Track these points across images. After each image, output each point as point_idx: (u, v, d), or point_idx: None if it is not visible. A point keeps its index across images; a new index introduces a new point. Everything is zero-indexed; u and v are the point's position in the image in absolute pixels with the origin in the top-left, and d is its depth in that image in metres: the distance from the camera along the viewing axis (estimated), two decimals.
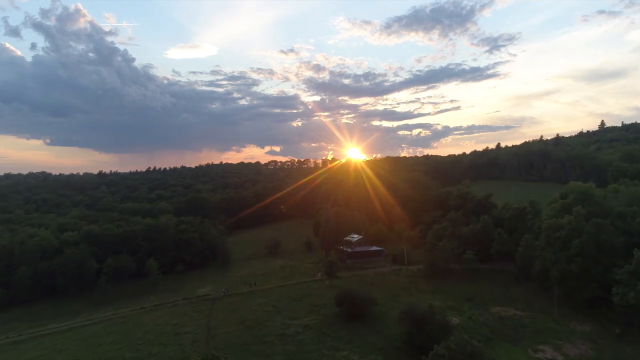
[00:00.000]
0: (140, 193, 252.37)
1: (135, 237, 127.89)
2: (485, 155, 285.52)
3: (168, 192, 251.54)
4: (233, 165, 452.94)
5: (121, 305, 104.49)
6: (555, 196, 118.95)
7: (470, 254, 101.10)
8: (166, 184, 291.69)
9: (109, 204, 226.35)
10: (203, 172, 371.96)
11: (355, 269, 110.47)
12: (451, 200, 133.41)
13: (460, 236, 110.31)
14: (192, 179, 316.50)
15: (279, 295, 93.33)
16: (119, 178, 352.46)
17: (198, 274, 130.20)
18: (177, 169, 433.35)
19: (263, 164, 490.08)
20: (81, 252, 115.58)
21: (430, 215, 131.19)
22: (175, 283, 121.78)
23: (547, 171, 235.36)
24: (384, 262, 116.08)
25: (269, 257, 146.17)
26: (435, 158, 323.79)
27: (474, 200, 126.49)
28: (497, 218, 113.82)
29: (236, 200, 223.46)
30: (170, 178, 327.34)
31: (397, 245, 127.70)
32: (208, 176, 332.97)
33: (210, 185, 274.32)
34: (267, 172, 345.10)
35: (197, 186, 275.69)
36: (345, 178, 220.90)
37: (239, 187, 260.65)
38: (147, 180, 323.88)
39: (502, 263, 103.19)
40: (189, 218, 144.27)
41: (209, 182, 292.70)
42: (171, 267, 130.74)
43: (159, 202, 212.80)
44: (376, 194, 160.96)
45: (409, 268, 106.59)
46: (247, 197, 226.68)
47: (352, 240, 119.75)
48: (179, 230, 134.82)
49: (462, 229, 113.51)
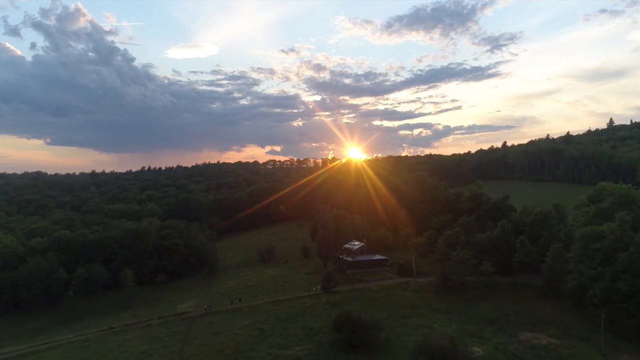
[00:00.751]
0: (130, 194, 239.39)
1: (111, 244, 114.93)
2: (492, 154, 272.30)
3: (159, 193, 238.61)
4: (230, 165, 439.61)
5: (89, 324, 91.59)
6: (581, 198, 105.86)
7: (488, 265, 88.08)
8: (158, 184, 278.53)
9: (96, 206, 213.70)
10: (198, 171, 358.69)
11: (356, 281, 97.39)
12: (462, 203, 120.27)
13: (475, 244, 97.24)
14: (185, 179, 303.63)
15: (267, 314, 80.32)
16: (111, 178, 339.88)
17: (181, 285, 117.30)
18: (172, 169, 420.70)
19: (261, 163, 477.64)
20: (48, 261, 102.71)
21: (439, 219, 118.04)
22: (154, 296, 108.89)
23: (559, 170, 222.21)
24: (389, 272, 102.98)
25: (262, 264, 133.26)
26: (439, 157, 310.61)
27: (489, 202, 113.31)
28: (517, 223, 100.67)
29: (230, 202, 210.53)
30: (164, 178, 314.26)
31: (403, 253, 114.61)
32: (203, 176, 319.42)
33: (203, 186, 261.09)
34: (265, 172, 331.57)
35: (190, 186, 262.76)
36: (346, 178, 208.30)
37: (234, 187, 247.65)
38: (140, 180, 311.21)
39: (525, 276, 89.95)
40: (173, 222, 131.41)
41: (203, 182, 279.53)
42: (151, 276, 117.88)
43: (148, 204, 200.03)
44: (378, 195, 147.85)
45: (418, 281, 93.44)
46: (242, 198, 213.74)
47: (353, 248, 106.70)
48: (160, 236, 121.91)
49: (477, 235, 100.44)
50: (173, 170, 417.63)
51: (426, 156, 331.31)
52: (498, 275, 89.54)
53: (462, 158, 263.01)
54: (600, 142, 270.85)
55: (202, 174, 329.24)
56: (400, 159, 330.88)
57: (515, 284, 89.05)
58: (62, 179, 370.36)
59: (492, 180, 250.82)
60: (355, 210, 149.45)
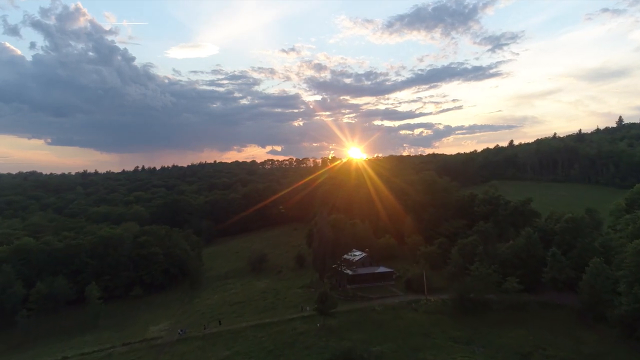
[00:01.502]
0: (117, 195, 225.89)
1: (80, 253, 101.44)
2: (500, 153, 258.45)
3: (148, 194, 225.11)
4: (227, 165, 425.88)
5: (43, 350, 78.03)
6: (618, 202, 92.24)
7: (513, 282, 74.35)
8: (148, 185, 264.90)
9: (79, 208, 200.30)
10: (192, 171, 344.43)
11: (357, 298, 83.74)
12: (477, 207, 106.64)
13: (496, 256, 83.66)
14: (178, 179, 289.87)
15: (251, 343, 66.76)
16: (101, 178, 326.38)
17: (159, 300, 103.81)
18: (167, 169, 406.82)
19: (259, 163, 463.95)
20: (3, 275, 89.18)
21: (451, 225, 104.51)
22: (126, 313, 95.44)
23: (574, 170, 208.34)
24: (395, 288, 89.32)
25: (252, 275, 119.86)
26: (443, 157, 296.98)
27: (508, 207, 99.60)
28: (543, 231, 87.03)
29: (222, 203, 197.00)
30: (157, 178, 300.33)
31: (410, 264, 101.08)
32: (196, 176, 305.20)
33: (196, 186, 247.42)
34: (262, 172, 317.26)
35: (181, 187, 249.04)
36: (346, 178, 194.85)
37: (228, 188, 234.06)
38: (130, 180, 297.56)
39: (558, 295, 76.33)
40: (153, 228, 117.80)
41: (196, 183, 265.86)
42: (126, 290, 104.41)
43: (134, 206, 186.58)
44: (381, 198, 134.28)
45: (430, 300, 79.67)
46: (235, 200, 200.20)
47: (354, 259, 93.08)
48: (137, 244, 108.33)
49: (497, 245, 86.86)
50: (168, 170, 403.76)
51: (430, 155, 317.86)
52: (525, 293, 75.87)
53: (468, 157, 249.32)
54: (614, 140, 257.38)
55: (196, 174, 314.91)
56: (403, 158, 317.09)
57: (546, 305, 75.29)
58: (50, 179, 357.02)
59: (501, 181, 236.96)
60: (355, 214, 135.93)
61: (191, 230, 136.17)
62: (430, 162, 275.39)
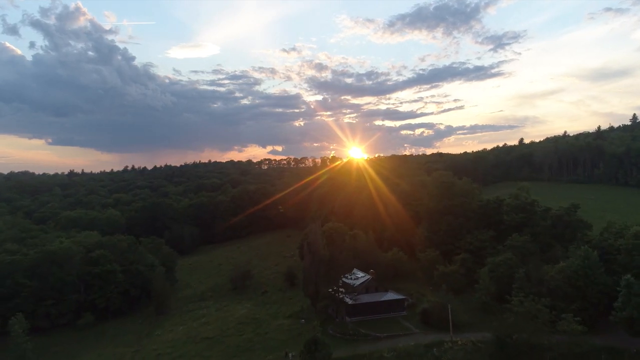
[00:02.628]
0: (95, 197, 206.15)
1: (14, 273, 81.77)
2: (513, 152, 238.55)
3: (129, 196, 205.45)
4: (222, 164, 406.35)
5: None
6: None
7: (572, 321, 54.58)
8: (132, 186, 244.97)
9: (51, 211, 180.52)
10: (180, 171, 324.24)
11: (359, 337, 64.04)
12: (508, 215, 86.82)
13: (541, 281, 63.89)
14: (164, 179, 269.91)
15: None
16: (86, 179, 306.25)
17: (113, 330, 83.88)
18: (158, 168, 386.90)
19: (255, 162, 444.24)
20: None
21: (475, 237, 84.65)
22: (66, 351, 75.71)
23: (598, 170, 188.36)
24: (408, 321, 69.55)
25: (233, 295, 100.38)
26: (451, 156, 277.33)
27: (549, 215, 79.69)
28: (600, 249, 67.18)
29: (208, 207, 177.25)
30: (143, 178, 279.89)
31: (424, 287, 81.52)
32: (185, 176, 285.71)
33: (182, 188, 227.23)
34: (257, 172, 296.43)
35: (167, 188, 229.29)
36: (347, 179, 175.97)
37: (217, 189, 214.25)
38: (114, 181, 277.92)
39: (631, 339, 56.48)
40: (112, 238, 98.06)
41: (184, 183, 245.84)
42: (74, 317, 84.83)
43: (108, 210, 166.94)
44: (386, 202, 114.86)
45: (456, 342, 59.90)
46: (223, 203, 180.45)
47: (355, 284, 73.26)
48: (90, 260, 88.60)
49: (540, 266, 67.03)
50: (159, 169, 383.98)
51: (436, 154, 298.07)
52: (587, 335, 56.10)
53: (478, 156, 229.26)
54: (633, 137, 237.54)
55: (185, 174, 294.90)
56: (406, 158, 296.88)
57: (615, 350, 55.61)
58: (34, 179, 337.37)
59: (514, 182, 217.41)
60: (356, 222, 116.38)
61: (163, 241, 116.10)
62: (437, 161, 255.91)
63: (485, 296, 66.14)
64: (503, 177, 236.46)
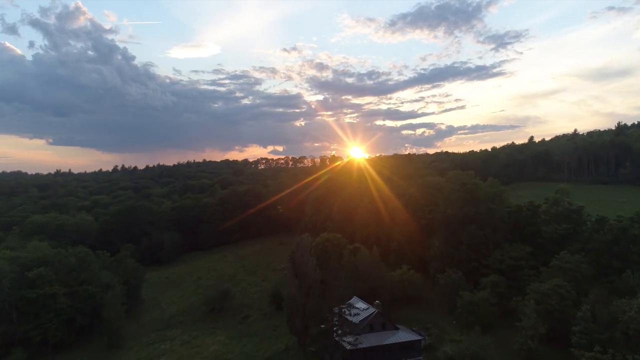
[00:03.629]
0: (71, 200, 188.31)
1: None
2: (527, 150, 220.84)
3: (109, 198, 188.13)
4: (215, 163, 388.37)
5: None
6: None
7: None
8: (116, 187, 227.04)
9: (19, 215, 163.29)
10: (169, 171, 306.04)
11: None
12: (547, 225, 69.22)
13: (614, 323, 46.37)
14: (152, 180, 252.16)
15: None
16: (70, 179, 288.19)
17: None
18: (150, 168, 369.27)
19: (252, 161, 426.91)
20: None
21: (507, 254, 67.05)
22: None
23: (624, 170, 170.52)
24: None
25: (207, 321, 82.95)
26: (458, 155, 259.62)
27: (607, 227, 61.94)
28: None
29: (192, 210, 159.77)
30: (127, 179, 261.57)
31: (443, 317, 64.06)
32: (174, 176, 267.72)
33: (167, 189, 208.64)
34: (251, 172, 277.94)
35: (153, 189, 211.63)
36: (347, 180, 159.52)
37: (205, 190, 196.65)
38: (97, 181, 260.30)
39: None
40: (57, 252, 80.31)
41: (171, 184, 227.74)
42: (3, 352, 67.50)
43: (79, 214, 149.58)
44: (391, 208, 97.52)
45: None
46: (210, 206, 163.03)
47: (356, 319, 55.64)
48: (26, 282, 71.11)
49: (609, 300, 49.43)
50: (150, 169, 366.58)
51: (442, 153, 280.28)
52: None
53: (489, 155, 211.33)
54: None
55: (174, 174, 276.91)
56: (411, 157, 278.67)
57: None
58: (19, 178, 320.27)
59: (529, 182, 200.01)
60: (357, 230, 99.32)
61: (127, 253, 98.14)
62: (443, 160, 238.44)
63: (532, 340, 48.68)
64: (516, 177, 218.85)
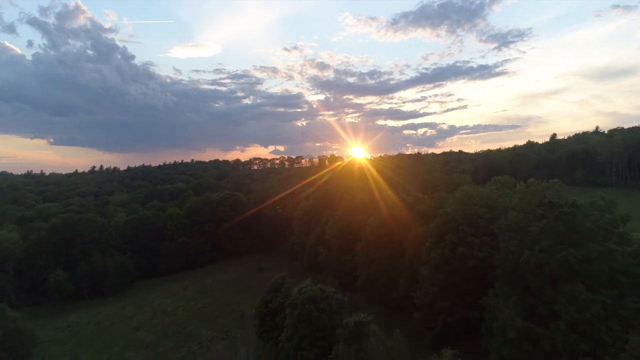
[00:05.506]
0: (11, 209, 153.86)
1: None
2: (559, 148, 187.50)
3: (59, 207, 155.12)
4: (203, 164, 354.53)
5: None
6: None
7: None
8: (73, 192, 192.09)
9: None
10: (143, 173, 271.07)
11: None
12: None
13: None
14: (120, 183, 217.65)
15: None
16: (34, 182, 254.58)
17: None
18: (132, 169, 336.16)
19: (243, 162, 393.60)
20: None
21: (582, 293, 33.72)
22: None
23: None
24: None
25: None
26: (476, 154, 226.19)
27: None
28: None
29: (153, 224, 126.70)
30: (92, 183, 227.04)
31: None
32: (148, 178, 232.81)
33: (129, 196, 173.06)
34: (236, 175, 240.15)
35: (116, 195, 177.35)
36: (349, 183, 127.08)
37: (176, 197, 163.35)
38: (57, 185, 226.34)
39: None
40: None
41: (139, 188, 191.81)
42: None
43: (8, 228, 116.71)
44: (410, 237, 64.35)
45: None
46: (175, 218, 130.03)
47: None
48: None
49: None
50: (133, 169, 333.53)
51: (457, 152, 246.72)
52: None
53: (518, 153, 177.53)
54: None
55: (148, 176, 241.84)
56: (420, 157, 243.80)
57: None
58: None
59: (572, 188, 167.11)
60: (361, 267, 66.65)
61: (4, 305, 64.87)
62: (459, 160, 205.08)
63: None
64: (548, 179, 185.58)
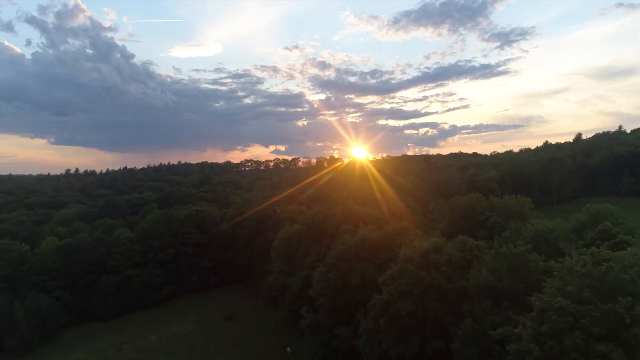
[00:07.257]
0: None
1: None
2: (599, 151, 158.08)
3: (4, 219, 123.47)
4: (190, 166, 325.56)
5: None
6: None
7: None
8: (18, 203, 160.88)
9: None
10: (112, 178, 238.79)
11: None
12: None
13: None
14: (81, 192, 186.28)
15: None
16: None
17: None
18: (109, 172, 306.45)
19: (235, 163, 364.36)
20: None
21: None
22: None
23: None
24: None
25: None
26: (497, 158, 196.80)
27: None
28: None
29: (92, 252, 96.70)
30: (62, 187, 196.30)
31: None
32: (116, 185, 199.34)
33: (78, 209, 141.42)
34: (218, 182, 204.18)
35: (69, 208, 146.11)
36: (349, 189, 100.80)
37: (136, 211, 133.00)
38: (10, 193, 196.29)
39: None
40: None
41: (100, 198, 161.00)
42: None
43: None
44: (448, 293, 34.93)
45: None
46: (122, 243, 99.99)
47: None
48: None
49: None
50: (110, 173, 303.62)
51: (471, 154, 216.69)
52: None
53: (553, 158, 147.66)
54: None
55: (116, 183, 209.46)
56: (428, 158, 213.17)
57: None
58: None
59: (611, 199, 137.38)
60: None
61: None
62: (477, 165, 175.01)
63: None
64: (582, 189, 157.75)
